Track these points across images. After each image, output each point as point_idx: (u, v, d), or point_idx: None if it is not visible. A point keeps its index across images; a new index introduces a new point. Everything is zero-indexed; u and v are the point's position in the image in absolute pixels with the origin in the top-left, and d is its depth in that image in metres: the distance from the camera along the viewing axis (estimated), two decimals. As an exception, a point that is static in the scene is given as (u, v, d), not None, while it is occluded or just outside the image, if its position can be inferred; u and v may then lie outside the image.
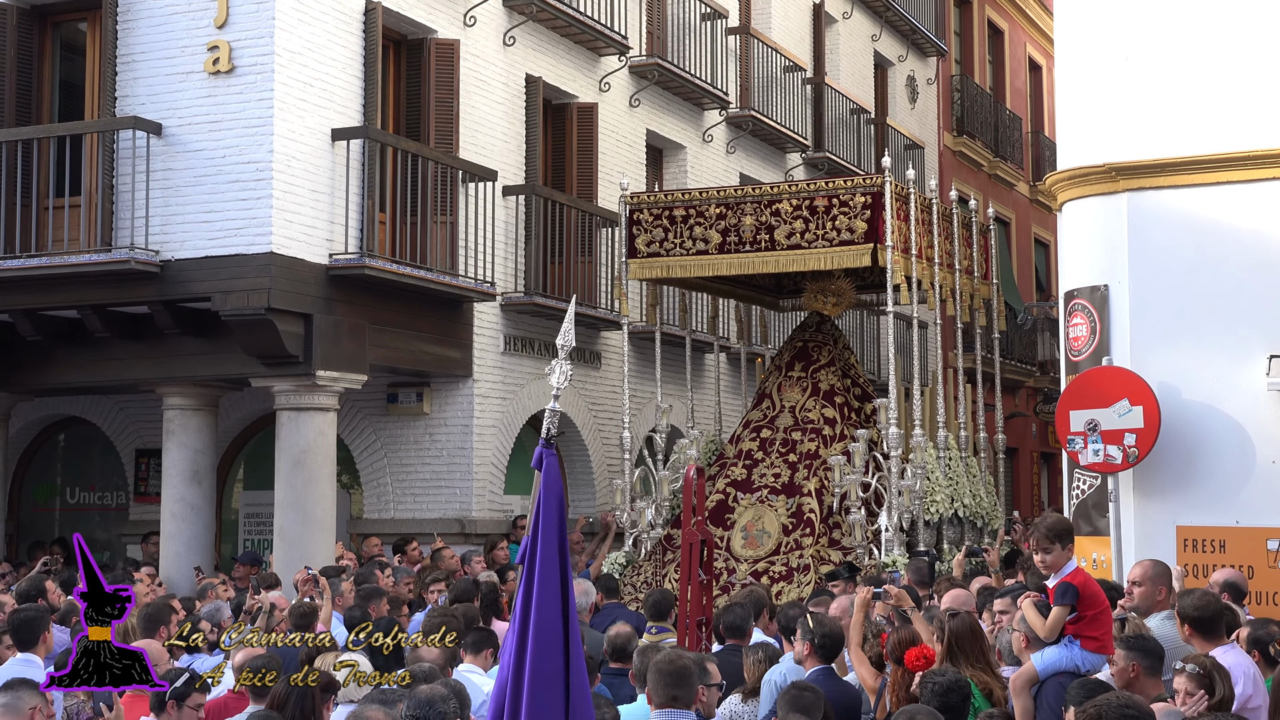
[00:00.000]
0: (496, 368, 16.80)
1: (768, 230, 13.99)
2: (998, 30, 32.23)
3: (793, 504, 14.11)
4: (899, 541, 13.33)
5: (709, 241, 14.26)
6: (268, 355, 14.12)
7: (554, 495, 4.93)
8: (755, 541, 14.05)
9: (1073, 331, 11.87)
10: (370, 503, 16.74)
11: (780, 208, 13.95)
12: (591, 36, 18.27)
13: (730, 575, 13.70)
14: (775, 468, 14.49)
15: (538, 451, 5.07)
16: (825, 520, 13.96)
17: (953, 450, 14.58)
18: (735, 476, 14.63)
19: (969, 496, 14.44)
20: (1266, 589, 10.75)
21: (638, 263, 14.71)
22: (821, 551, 13.66)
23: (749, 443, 14.91)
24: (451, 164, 15.58)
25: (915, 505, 13.54)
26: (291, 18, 14.10)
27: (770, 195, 14.18)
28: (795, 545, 13.80)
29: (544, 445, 5.03)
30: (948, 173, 29.23)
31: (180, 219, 13.98)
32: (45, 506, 18.70)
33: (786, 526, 14.01)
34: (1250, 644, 7.73)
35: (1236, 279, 11.31)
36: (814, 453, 14.43)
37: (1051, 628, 7.21)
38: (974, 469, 15.09)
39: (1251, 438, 11.11)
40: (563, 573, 4.77)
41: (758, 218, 14.04)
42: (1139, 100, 11.73)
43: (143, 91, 14.25)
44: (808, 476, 14.28)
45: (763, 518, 14.15)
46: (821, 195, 13.84)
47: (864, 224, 13.57)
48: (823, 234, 13.75)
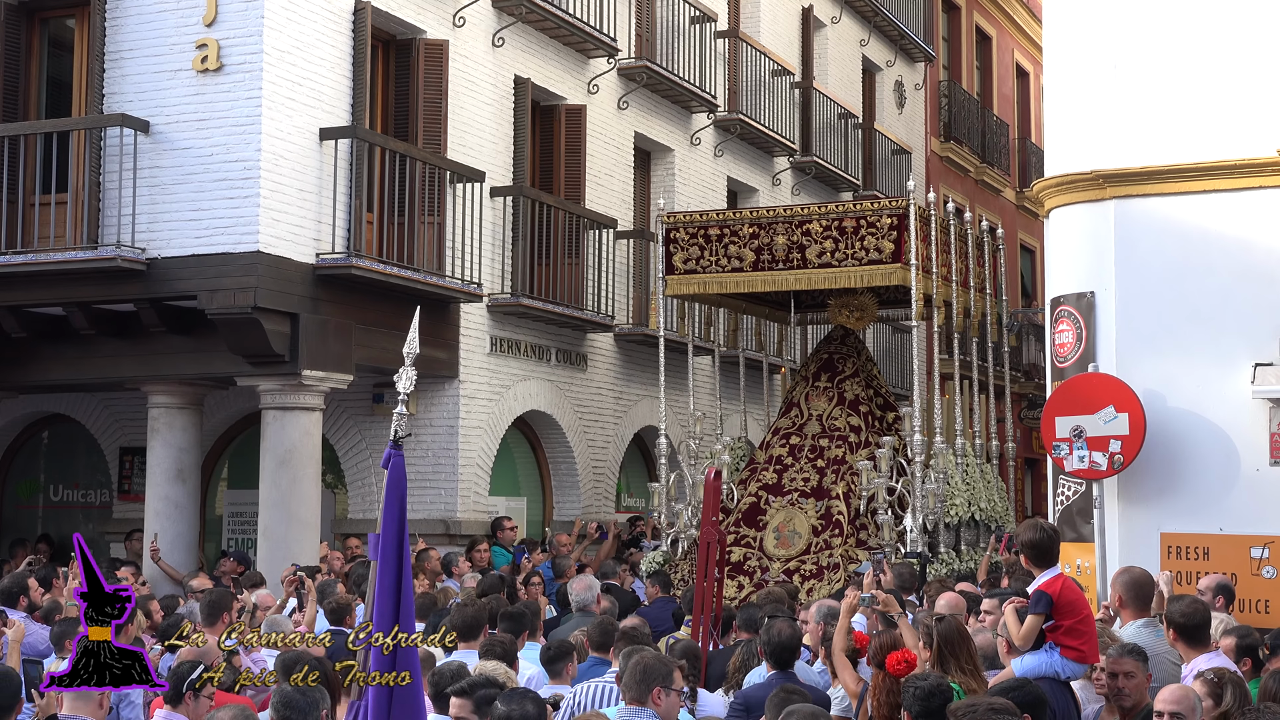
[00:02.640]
0: (483, 369, 16.78)
1: (799, 249, 14.67)
2: (986, 37, 32.30)
3: (821, 506, 14.80)
4: (922, 542, 13.97)
5: (743, 260, 14.91)
6: (253, 354, 14.10)
7: (397, 495, 5.35)
8: (787, 541, 14.69)
9: (1059, 338, 11.88)
10: (355, 503, 16.71)
11: (811, 228, 14.65)
12: (580, 38, 18.28)
13: (764, 573, 14.35)
14: (804, 472, 15.16)
15: (386, 452, 5.46)
16: (853, 522, 14.60)
17: (970, 457, 15.23)
18: (766, 480, 15.26)
19: (985, 500, 15.05)
20: (1250, 596, 10.76)
21: (675, 279, 15.29)
22: (850, 551, 14.26)
23: (779, 449, 15.54)
24: (439, 164, 15.57)
25: (937, 508, 14.23)
26: (280, 17, 14.08)
27: (801, 216, 14.88)
28: (825, 545, 14.46)
29: (392, 446, 5.42)
30: (934, 178, 29.30)
31: (167, 217, 13.95)
32: (29, 504, 18.63)
33: (816, 527, 14.67)
34: (1240, 653, 7.74)
35: (1222, 287, 11.33)
36: (841, 458, 15.11)
37: (1025, 636, 7.23)
38: (988, 475, 15.71)
39: (1236, 445, 11.12)
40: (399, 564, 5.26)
41: (790, 237, 14.73)
42: (1126, 107, 11.74)
43: (130, 89, 14.22)
44: (835, 480, 14.95)
45: (794, 519, 14.84)
46: (850, 216, 14.56)
47: (890, 244, 14.28)
48: (851, 253, 14.46)
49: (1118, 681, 6.99)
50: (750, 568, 14.50)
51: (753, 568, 14.45)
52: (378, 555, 5.33)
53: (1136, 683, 6.92)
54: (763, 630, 8.25)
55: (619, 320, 19.09)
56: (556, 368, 18.16)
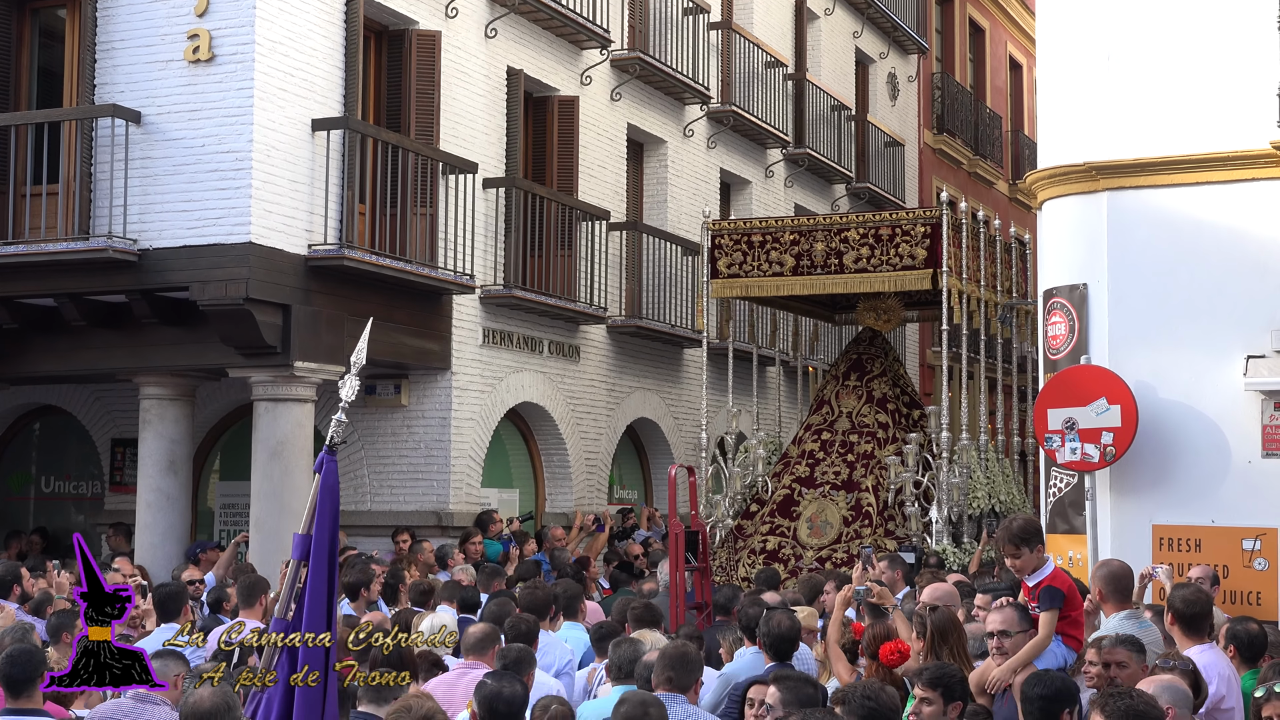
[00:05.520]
0: (475, 360, 16.76)
1: (836, 255, 15.51)
2: (979, 28, 32.29)
3: (852, 498, 15.69)
4: (947, 532, 14.84)
5: (784, 265, 15.76)
6: (245, 346, 14.07)
7: (330, 500, 5.49)
8: (819, 532, 15.63)
9: (1051, 330, 11.90)
10: (347, 495, 16.65)
11: (848, 235, 15.51)
12: (573, 30, 18.25)
13: (798, 561, 15.32)
14: (835, 466, 16.03)
15: (320, 457, 5.59)
16: (881, 513, 15.47)
17: (990, 452, 16.09)
18: (799, 474, 16.15)
19: (1004, 493, 15.82)
20: (1241, 588, 10.80)
21: (719, 282, 16.10)
22: (879, 540, 15.01)
23: (810, 444, 16.39)
24: (432, 156, 15.54)
25: (961, 500, 15.10)
26: (272, 7, 14.05)
27: (839, 224, 15.77)
28: (855, 535, 15.34)
29: (326, 452, 5.56)
30: (927, 170, 29.30)
31: (159, 208, 13.92)
32: (20, 495, 18.60)
33: (847, 518, 15.58)
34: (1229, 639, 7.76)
35: (1215, 279, 11.35)
36: (870, 453, 15.97)
37: (1048, 635, 7.22)
38: (1007, 469, 16.53)
39: (1228, 437, 11.15)
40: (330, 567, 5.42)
41: (828, 244, 15.59)
42: (1120, 99, 11.75)
43: (122, 79, 14.18)
44: (865, 474, 15.84)
45: (825, 510, 15.75)
46: (886, 225, 15.42)
47: (924, 251, 15.10)
48: (886, 259, 15.29)
49: (1110, 671, 7.00)
50: (785, 555, 15.40)
51: (787, 555, 15.39)
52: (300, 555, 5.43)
53: (1129, 673, 6.92)
54: (761, 621, 8.31)
55: (611, 312, 19.08)
56: (549, 359, 18.14)
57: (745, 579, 14.30)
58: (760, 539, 15.71)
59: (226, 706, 5.71)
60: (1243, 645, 7.72)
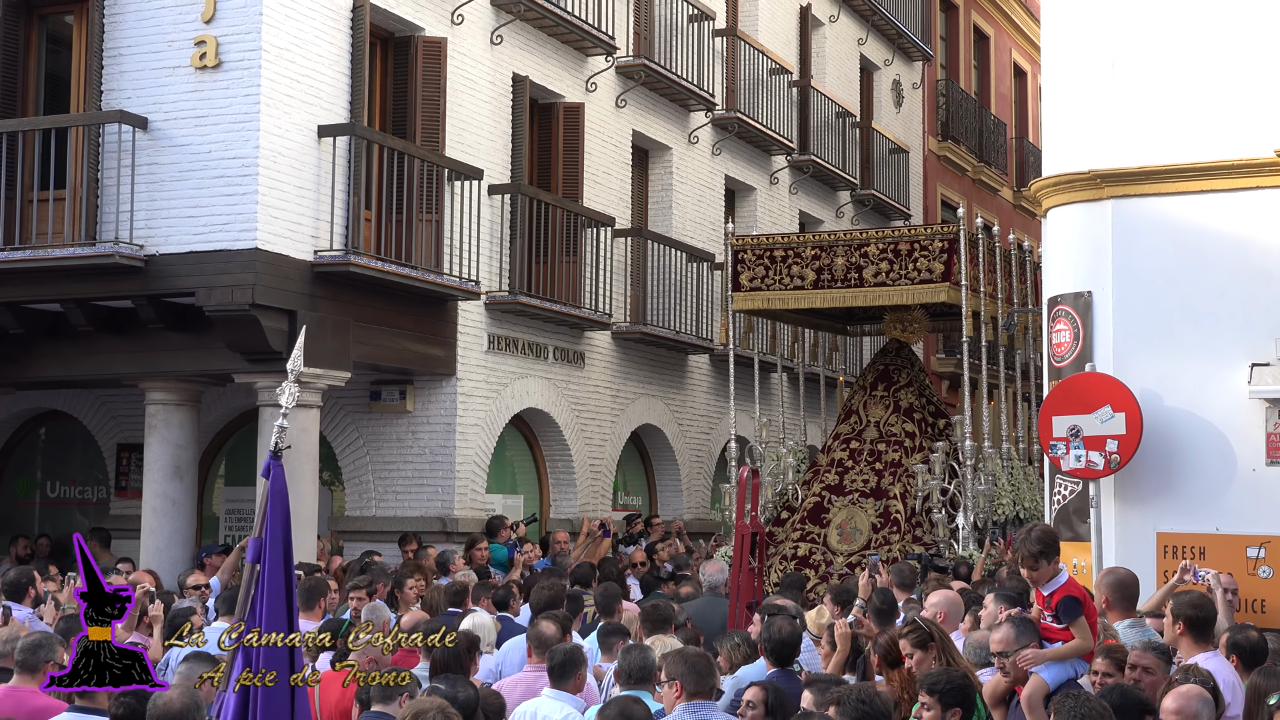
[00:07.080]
0: (480, 366, 16.79)
1: (857, 270, 15.82)
2: (983, 36, 32.31)
3: (880, 505, 16.06)
4: (973, 538, 15.13)
5: (805, 279, 16.06)
6: (251, 351, 14.09)
7: (280, 503, 5.63)
8: (849, 538, 15.99)
9: (1056, 337, 11.89)
10: (352, 500, 16.71)
11: (868, 250, 15.81)
12: (579, 36, 18.28)
13: (828, 566, 15.73)
14: (864, 474, 16.40)
15: (265, 462, 5.73)
16: (909, 520, 15.80)
17: (1014, 460, 16.44)
18: (829, 481, 16.48)
19: (1028, 500, 16.09)
20: (1246, 596, 10.76)
21: (742, 295, 16.35)
22: (907, 546, 15.44)
23: (840, 452, 16.76)
24: (437, 162, 15.57)
25: (986, 507, 15.41)
26: (279, 13, 14.08)
27: (859, 240, 16.05)
28: (884, 541, 15.70)
29: (271, 457, 5.69)
30: (932, 177, 29.32)
31: (165, 214, 13.95)
32: (26, 500, 18.63)
33: (875, 525, 15.94)
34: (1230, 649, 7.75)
35: (1219, 287, 11.33)
36: (897, 461, 16.33)
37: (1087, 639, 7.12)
38: (1030, 477, 16.71)
39: (1232, 445, 11.13)
40: (286, 570, 5.58)
41: (848, 258, 15.88)
42: (1124, 107, 11.75)
43: (129, 85, 14.22)
44: (893, 482, 16.20)
45: (855, 517, 16.12)
46: (905, 240, 15.74)
47: (941, 265, 15.43)
48: (905, 273, 15.61)
49: (1135, 674, 6.99)
50: (815, 561, 15.75)
51: (818, 561, 15.75)
52: (253, 558, 5.58)
53: (1154, 680, 6.91)
54: (763, 628, 8.32)
55: (616, 318, 19.10)
56: (554, 366, 18.16)
57: (776, 584, 14.45)
58: (791, 545, 15.94)
59: (195, 706, 5.77)
60: (1244, 654, 7.71)
